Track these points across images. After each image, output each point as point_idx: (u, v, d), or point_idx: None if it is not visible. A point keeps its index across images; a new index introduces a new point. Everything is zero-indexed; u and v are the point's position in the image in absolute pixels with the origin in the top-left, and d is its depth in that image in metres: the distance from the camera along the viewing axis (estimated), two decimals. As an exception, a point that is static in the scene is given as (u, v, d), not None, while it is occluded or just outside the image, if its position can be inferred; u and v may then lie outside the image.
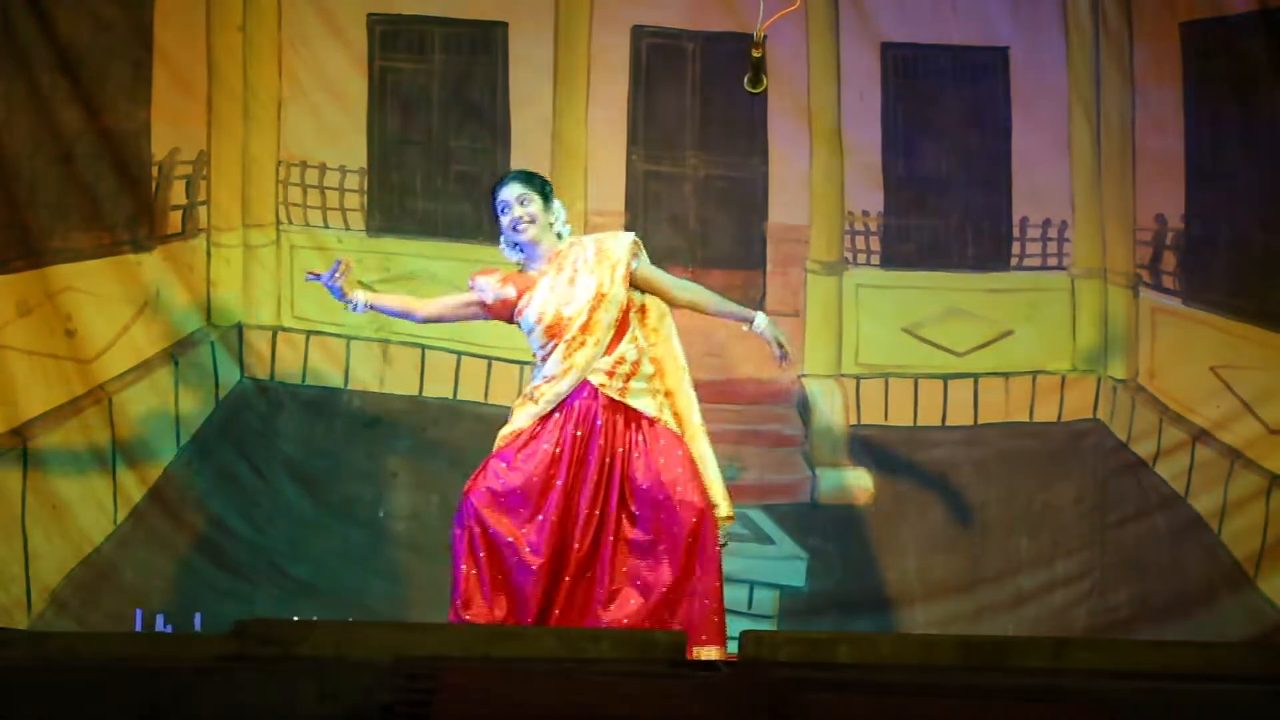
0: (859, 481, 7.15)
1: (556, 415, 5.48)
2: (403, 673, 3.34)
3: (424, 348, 7.08)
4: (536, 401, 5.50)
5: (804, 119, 7.27)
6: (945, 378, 7.25)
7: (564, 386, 5.47)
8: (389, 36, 7.14)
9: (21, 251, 6.79)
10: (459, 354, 7.09)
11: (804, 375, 7.15)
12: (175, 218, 6.98)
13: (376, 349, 7.05)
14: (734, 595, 6.99)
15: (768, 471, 7.10)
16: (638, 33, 7.24)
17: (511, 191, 5.58)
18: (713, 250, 7.22)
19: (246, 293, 7.00)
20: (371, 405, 7.04)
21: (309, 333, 7.03)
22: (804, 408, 7.15)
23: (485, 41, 7.18)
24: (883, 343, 7.24)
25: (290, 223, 7.05)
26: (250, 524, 6.90)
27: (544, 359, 5.55)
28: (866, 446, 7.16)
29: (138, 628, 6.51)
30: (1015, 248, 7.31)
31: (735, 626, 6.68)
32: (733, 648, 5.18)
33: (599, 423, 5.46)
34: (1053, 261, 7.31)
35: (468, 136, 7.16)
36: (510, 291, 5.60)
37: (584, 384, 5.49)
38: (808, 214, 7.27)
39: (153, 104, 6.95)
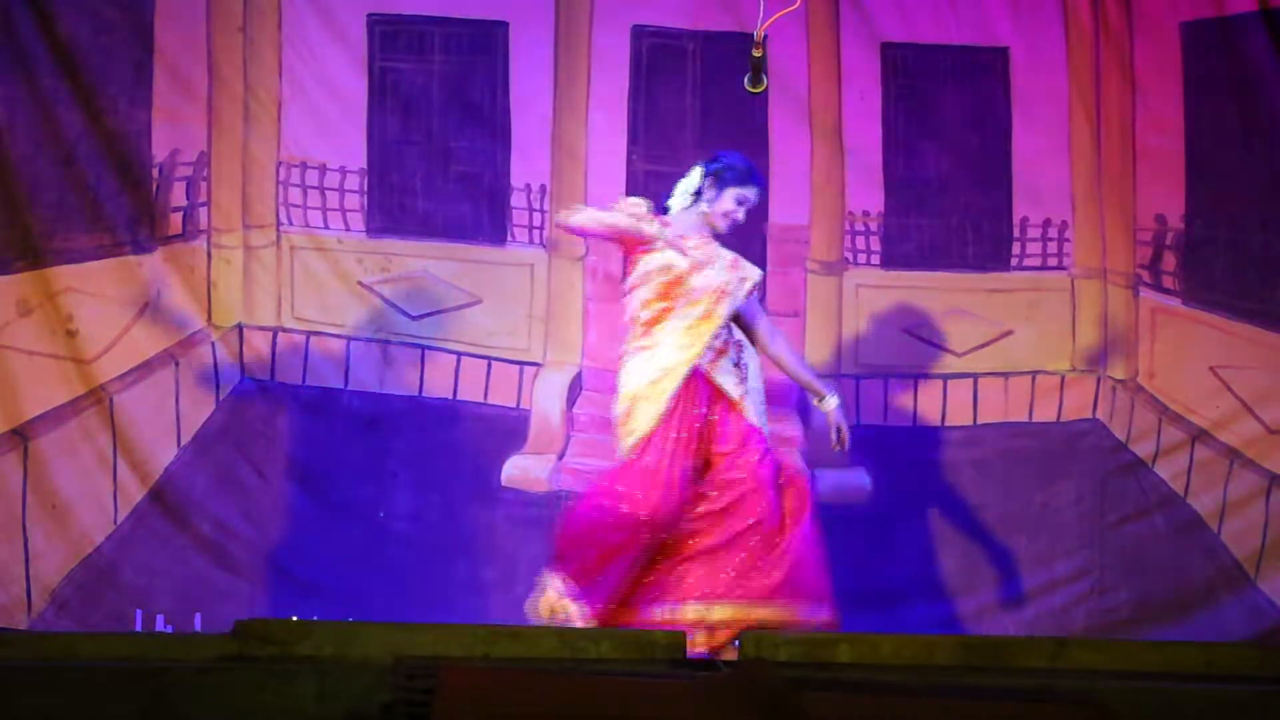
0: (858, 481, 7.15)
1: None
2: (403, 673, 3.34)
3: (424, 348, 7.08)
4: (655, 400, 5.47)
5: (804, 119, 7.28)
6: (945, 378, 7.25)
7: (676, 382, 5.46)
8: (389, 36, 7.15)
9: (22, 252, 6.79)
10: (459, 354, 7.09)
11: (804, 375, 7.15)
12: (176, 219, 6.98)
13: (376, 349, 7.05)
14: (734, 595, 6.99)
15: (768, 471, 7.09)
16: (638, 32, 7.24)
17: (755, 196, 5.64)
18: (713, 250, 7.21)
19: (247, 293, 7.01)
20: (371, 405, 7.04)
21: (309, 333, 7.04)
22: (803, 408, 7.15)
23: (485, 41, 7.19)
24: (883, 343, 7.24)
25: (290, 223, 7.06)
26: (250, 524, 6.91)
27: (647, 322, 5.52)
28: (866, 446, 7.16)
29: (138, 628, 6.52)
30: (1015, 248, 7.31)
31: (735, 626, 6.69)
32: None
33: (691, 395, 5.48)
34: (1053, 261, 7.31)
35: (468, 136, 7.16)
36: (651, 229, 5.55)
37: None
38: (808, 214, 7.27)
39: (153, 105, 6.95)
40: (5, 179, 6.77)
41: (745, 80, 5.71)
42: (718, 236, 5.67)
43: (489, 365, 7.12)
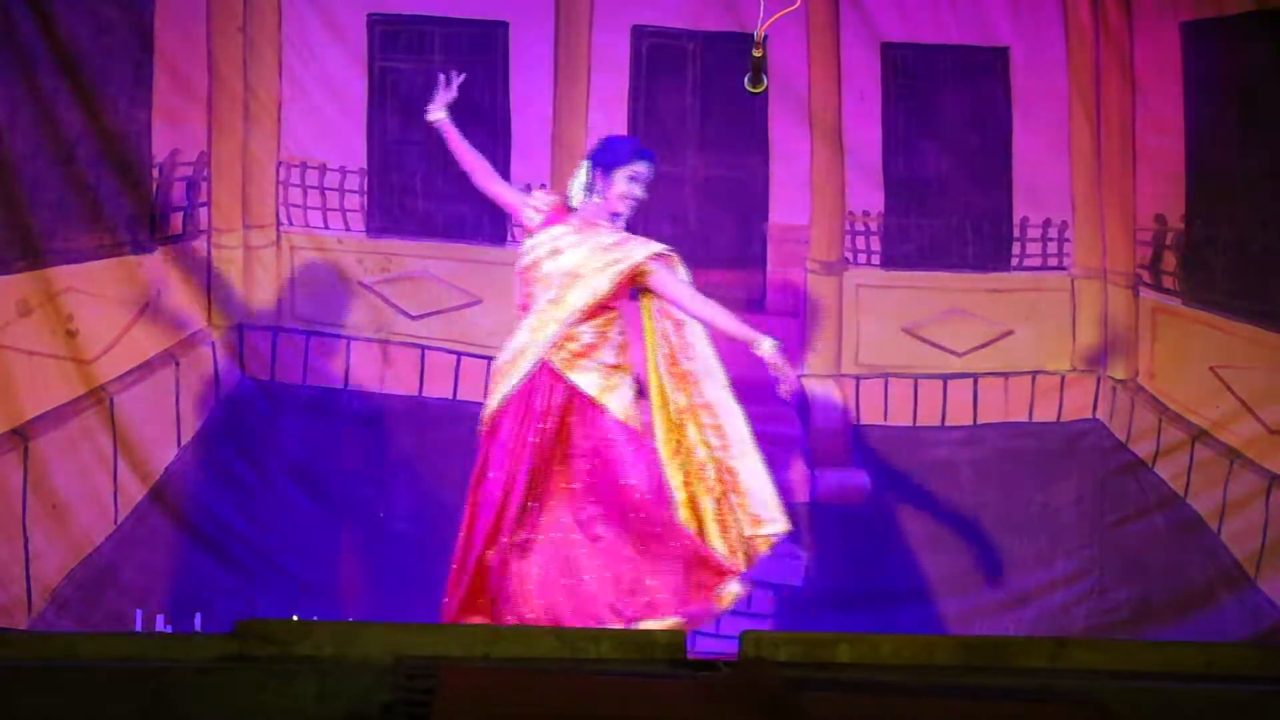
0: (858, 481, 7.15)
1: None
2: (403, 673, 3.34)
3: (424, 348, 7.08)
4: (506, 377, 5.56)
5: (804, 119, 7.27)
6: (945, 378, 7.25)
7: (527, 365, 5.51)
8: (389, 36, 7.14)
9: (23, 252, 6.79)
10: (459, 354, 7.09)
11: (804, 375, 7.15)
12: (176, 219, 6.98)
13: (376, 349, 7.05)
14: (734, 595, 7.00)
15: (767, 471, 7.09)
16: (638, 32, 7.24)
17: (648, 172, 5.63)
18: (713, 250, 7.22)
19: (247, 293, 7.01)
20: (371, 405, 7.04)
21: (309, 333, 7.04)
22: (804, 408, 7.15)
23: (485, 41, 7.18)
24: (883, 343, 7.24)
25: (290, 223, 7.06)
26: (250, 523, 6.91)
27: (520, 308, 5.61)
28: (866, 446, 7.16)
29: (138, 628, 6.52)
30: (1015, 248, 7.31)
31: (734, 626, 6.69)
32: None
33: (541, 390, 5.50)
34: (1053, 261, 7.31)
35: (468, 136, 7.14)
36: (532, 218, 5.68)
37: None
38: (808, 214, 7.27)
39: (153, 105, 6.95)
40: (5, 179, 6.77)
41: (745, 80, 5.71)
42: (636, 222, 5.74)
43: (489, 365, 7.10)
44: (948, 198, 7.31)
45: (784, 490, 7.10)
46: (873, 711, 3.30)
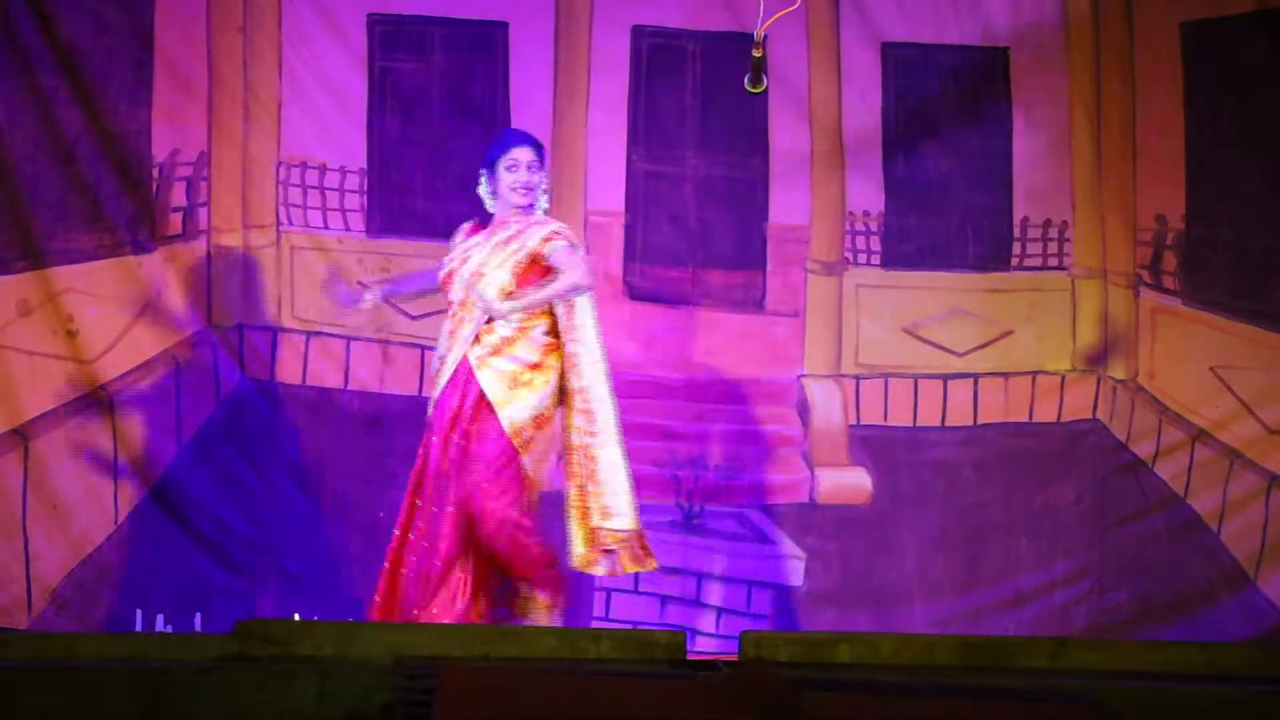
0: (858, 481, 7.15)
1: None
2: (403, 673, 3.34)
3: (424, 348, 7.08)
4: (436, 384, 5.67)
5: (804, 119, 7.27)
6: (945, 378, 7.25)
7: (449, 368, 5.60)
8: (389, 36, 7.14)
9: (23, 252, 6.79)
10: (459, 354, 7.09)
11: (804, 375, 7.15)
12: (176, 219, 6.98)
13: (376, 349, 7.05)
14: (732, 595, 7.01)
15: (766, 471, 7.10)
16: (638, 33, 7.24)
17: (527, 154, 5.69)
18: (713, 250, 7.23)
19: (247, 293, 7.01)
20: (371, 405, 7.04)
21: (309, 333, 7.04)
22: (803, 408, 7.15)
23: (485, 41, 7.18)
24: (883, 343, 7.24)
25: (290, 223, 7.06)
26: (250, 524, 6.91)
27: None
28: (866, 446, 7.16)
29: (138, 628, 6.52)
30: (1015, 248, 7.31)
31: (734, 626, 6.71)
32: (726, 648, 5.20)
33: (460, 391, 5.57)
34: (1053, 261, 7.31)
35: (468, 136, 7.15)
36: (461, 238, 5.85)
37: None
38: (808, 214, 7.27)
39: (153, 105, 6.95)
40: (5, 179, 6.77)
41: (745, 80, 5.71)
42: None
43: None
44: (948, 198, 7.31)
45: (784, 490, 7.13)
46: (873, 711, 3.30)
